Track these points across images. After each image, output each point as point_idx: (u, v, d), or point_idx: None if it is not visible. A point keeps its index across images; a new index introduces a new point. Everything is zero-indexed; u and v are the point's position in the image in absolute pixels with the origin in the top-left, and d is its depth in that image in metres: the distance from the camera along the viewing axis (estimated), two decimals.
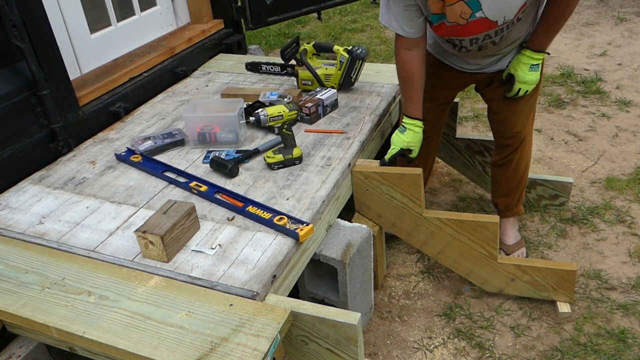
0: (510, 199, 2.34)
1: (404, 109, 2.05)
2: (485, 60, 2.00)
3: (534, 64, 1.91)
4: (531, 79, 1.94)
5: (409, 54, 1.93)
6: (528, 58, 1.90)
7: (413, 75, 1.97)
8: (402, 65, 1.97)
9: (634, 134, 3.15)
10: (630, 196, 2.65)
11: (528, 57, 1.90)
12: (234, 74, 2.88)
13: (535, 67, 1.92)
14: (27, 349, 1.62)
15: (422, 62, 1.96)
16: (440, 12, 1.75)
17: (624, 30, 4.49)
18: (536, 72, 1.93)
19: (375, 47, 4.69)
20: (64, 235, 1.77)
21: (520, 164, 2.26)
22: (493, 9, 1.68)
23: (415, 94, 2.00)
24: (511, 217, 2.38)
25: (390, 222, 2.13)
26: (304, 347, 1.54)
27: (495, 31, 1.78)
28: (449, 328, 2.09)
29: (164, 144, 2.19)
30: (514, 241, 2.37)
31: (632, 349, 1.93)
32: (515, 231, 2.41)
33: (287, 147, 2.02)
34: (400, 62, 1.97)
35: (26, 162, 2.11)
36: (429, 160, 2.45)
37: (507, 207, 2.36)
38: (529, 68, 1.91)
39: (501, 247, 2.36)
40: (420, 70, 1.97)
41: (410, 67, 1.96)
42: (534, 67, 1.91)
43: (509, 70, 1.97)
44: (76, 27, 2.52)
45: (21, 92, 2.07)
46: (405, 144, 2.02)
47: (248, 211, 1.76)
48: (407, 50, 1.93)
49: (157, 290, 1.52)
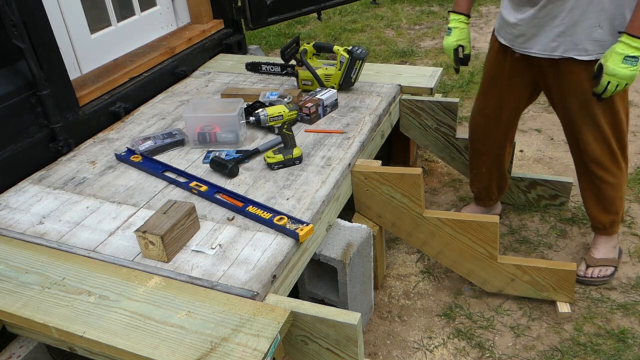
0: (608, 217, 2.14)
1: (453, 6, 2.08)
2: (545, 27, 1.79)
3: (631, 55, 1.63)
4: (623, 73, 1.65)
5: None
6: (624, 46, 1.63)
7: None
8: None
9: (634, 134, 3.14)
10: (630, 196, 2.65)
11: (624, 45, 1.63)
12: (234, 74, 2.88)
13: (632, 60, 1.63)
14: (27, 349, 1.62)
15: None
16: None
17: None
18: (632, 67, 1.64)
19: (375, 47, 4.69)
20: (64, 235, 1.77)
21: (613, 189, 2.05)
22: None
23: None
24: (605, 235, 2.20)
25: (390, 222, 2.13)
26: (304, 347, 1.54)
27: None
28: (449, 328, 2.09)
29: (164, 144, 2.19)
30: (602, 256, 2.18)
31: (632, 349, 1.93)
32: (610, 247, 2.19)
33: (287, 147, 2.02)
34: None
35: (26, 162, 2.11)
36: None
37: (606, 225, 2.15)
38: (623, 59, 1.63)
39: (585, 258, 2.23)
40: None
41: None
42: (629, 59, 1.63)
43: (600, 60, 1.72)
44: (76, 27, 2.52)
45: (21, 92, 2.07)
46: (454, 43, 2.06)
47: (248, 211, 1.76)
48: None
49: (157, 290, 1.52)
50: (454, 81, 3.90)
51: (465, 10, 2.07)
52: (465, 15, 2.06)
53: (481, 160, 2.33)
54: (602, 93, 1.74)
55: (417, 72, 2.73)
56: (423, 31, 4.98)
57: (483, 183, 2.39)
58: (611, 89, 1.71)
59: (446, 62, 4.23)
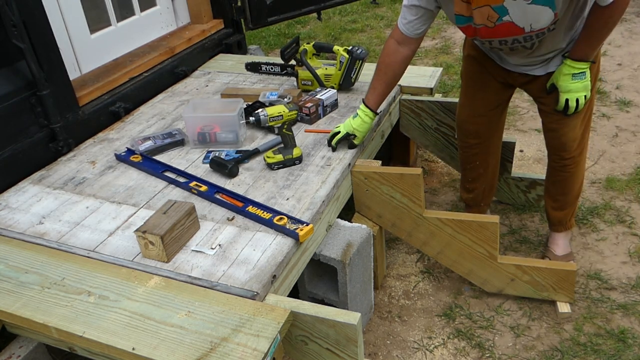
0: (564, 212, 2.27)
1: (365, 97, 2.08)
2: (527, 60, 1.93)
3: (576, 72, 1.83)
4: (576, 86, 1.85)
5: (396, 47, 1.97)
6: (569, 67, 1.83)
7: (389, 69, 2.00)
8: (385, 53, 2.00)
9: (634, 134, 3.15)
10: (630, 196, 2.65)
11: (569, 67, 1.83)
12: (234, 74, 2.88)
13: (580, 76, 1.83)
14: (27, 349, 1.62)
15: (403, 61, 1.99)
16: (468, 14, 1.74)
17: (624, 30, 4.49)
18: (581, 81, 1.84)
19: (375, 47, 4.69)
20: (64, 235, 1.77)
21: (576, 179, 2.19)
22: (519, 14, 1.66)
23: (381, 86, 2.03)
24: (563, 231, 2.32)
25: (390, 222, 2.13)
26: (304, 347, 1.54)
27: (524, 37, 1.74)
28: (449, 328, 2.09)
29: (164, 144, 2.19)
30: (562, 252, 2.30)
31: (632, 349, 1.93)
32: (567, 242, 2.33)
33: (287, 147, 2.02)
34: (385, 51, 2.00)
35: (26, 162, 2.11)
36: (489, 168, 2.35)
37: (560, 221, 2.29)
38: (571, 77, 1.84)
39: (548, 255, 2.31)
40: (398, 68, 2.00)
41: (391, 60, 1.99)
42: (576, 75, 1.83)
43: (551, 81, 1.91)
44: (76, 27, 2.52)
45: (21, 92, 2.07)
46: (351, 128, 2.06)
47: (248, 211, 1.76)
48: (396, 42, 1.97)
49: (157, 290, 1.52)
50: (454, 81, 3.90)
51: (373, 106, 2.06)
52: (372, 111, 2.06)
53: (479, 162, 2.32)
54: (565, 111, 1.90)
55: (417, 72, 2.72)
56: None
57: (480, 187, 2.38)
58: (572, 104, 1.87)
59: (446, 62, 4.23)
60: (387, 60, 2.00)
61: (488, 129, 2.21)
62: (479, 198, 2.41)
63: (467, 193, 2.43)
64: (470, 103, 2.19)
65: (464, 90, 2.21)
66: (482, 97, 2.14)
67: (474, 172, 2.34)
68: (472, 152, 2.29)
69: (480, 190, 2.38)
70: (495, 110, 2.17)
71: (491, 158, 2.31)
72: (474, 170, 2.33)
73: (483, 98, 2.14)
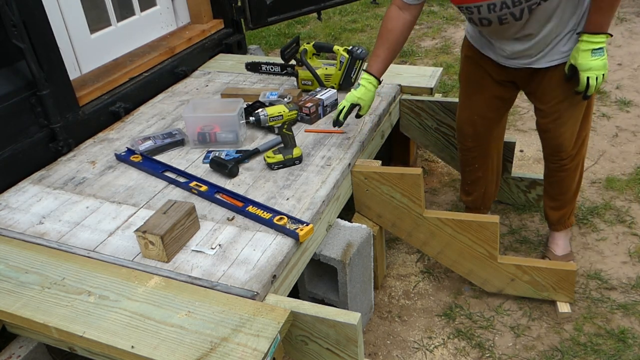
0: (562, 212, 2.26)
1: (368, 65, 2.06)
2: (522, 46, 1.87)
3: (595, 48, 1.74)
4: (597, 64, 1.75)
5: (397, 12, 1.97)
6: (587, 43, 1.74)
7: (391, 34, 1.99)
8: (386, 20, 2.00)
9: (634, 134, 3.15)
10: (630, 196, 2.65)
11: (586, 42, 1.74)
12: (234, 74, 2.88)
13: (599, 52, 1.74)
14: (27, 349, 1.62)
15: (405, 26, 1.98)
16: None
17: (624, 30, 4.49)
18: (600, 57, 1.75)
19: None
20: (64, 235, 1.77)
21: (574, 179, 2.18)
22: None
23: (384, 52, 2.02)
24: (563, 230, 2.31)
25: (390, 222, 2.13)
26: (304, 347, 1.54)
27: (513, 1, 1.68)
28: (449, 328, 2.09)
29: (164, 144, 2.19)
30: (562, 252, 2.29)
31: (632, 349, 1.93)
32: (567, 241, 2.32)
33: (287, 147, 2.02)
34: (387, 17, 2.00)
35: (26, 162, 2.11)
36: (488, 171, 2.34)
37: (559, 220, 2.29)
38: (591, 53, 1.74)
39: (548, 255, 2.30)
40: (399, 33, 1.99)
41: (393, 25, 1.98)
42: (596, 51, 1.74)
43: (570, 62, 1.81)
44: (76, 27, 2.52)
45: (21, 92, 2.07)
46: (355, 99, 2.04)
47: (248, 211, 1.76)
48: (398, 9, 1.97)
49: (157, 290, 1.52)
50: (454, 81, 3.90)
51: (376, 72, 2.03)
52: (375, 78, 2.03)
53: (478, 165, 2.32)
54: (586, 91, 1.81)
55: (417, 72, 2.73)
56: (423, 31, 4.98)
57: (480, 190, 2.38)
58: (593, 83, 1.78)
59: (446, 62, 4.23)
60: (389, 25, 1.99)
61: (486, 132, 2.20)
62: (478, 201, 2.40)
63: (467, 196, 2.43)
64: (468, 104, 2.19)
65: (462, 92, 2.21)
66: (480, 99, 2.13)
67: (472, 175, 2.34)
68: (471, 155, 2.28)
69: (479, 193, 2.37)
70: (495, 112, 2.16)
71: (490, 162, 2.30)
72: (472, 173, 2.33)
73: (481, 99, 2.13)
